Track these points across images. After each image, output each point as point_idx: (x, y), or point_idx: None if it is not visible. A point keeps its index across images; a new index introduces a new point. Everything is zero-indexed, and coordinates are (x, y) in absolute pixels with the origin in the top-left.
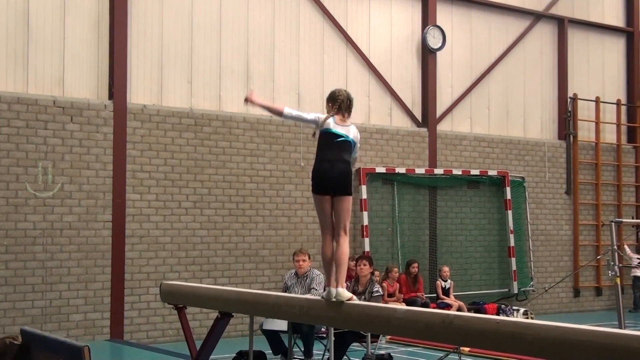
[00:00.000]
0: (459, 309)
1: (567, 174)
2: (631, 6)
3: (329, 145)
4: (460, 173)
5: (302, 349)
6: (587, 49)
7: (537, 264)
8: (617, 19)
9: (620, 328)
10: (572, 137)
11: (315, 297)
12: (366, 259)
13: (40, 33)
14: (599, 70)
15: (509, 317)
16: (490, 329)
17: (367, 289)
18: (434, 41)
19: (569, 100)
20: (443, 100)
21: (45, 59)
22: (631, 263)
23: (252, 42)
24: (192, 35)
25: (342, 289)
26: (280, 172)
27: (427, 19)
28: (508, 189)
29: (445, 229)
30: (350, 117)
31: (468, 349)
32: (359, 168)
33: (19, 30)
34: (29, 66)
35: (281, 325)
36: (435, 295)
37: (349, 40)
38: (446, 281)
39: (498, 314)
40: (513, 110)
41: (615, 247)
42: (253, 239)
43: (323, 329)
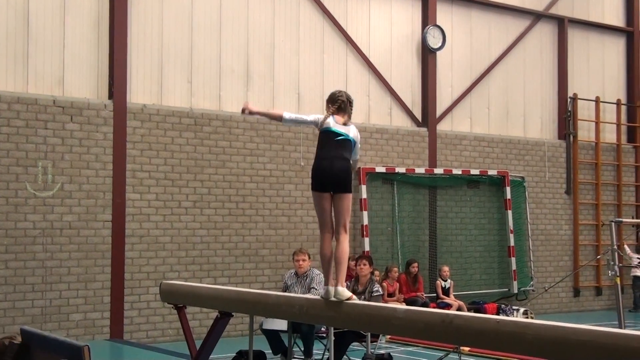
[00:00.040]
0: (459, 309)
1: (567, 173)
2: (631, 6)
3: (328, 143)
4: (460, 173)
5: (302, 349)
6: (587, 49)
7: (537, 264)
8: (617, 18)
9: (620, 328)
10: (572, 136)
11: (315, 296)
12: (366, 258)
13: (40, 32)
14: (599, 70)
15: (508, 316)
16: (490, 329)
17: (367, 288)
18: (434, 41)
19: (569, 100)
20: (443, 100)
21: (45, 59)
22: (631, 263)
23: (252, 41)
24: (192, 35)
25: (342, 288)
26: (280, 172)
27: (427, 18)
28: (508, 189)
29: (445, 229)
30: (351, 118)
31: (468, 349)
32: (359, 167)
33: (19, 29)
34: (29, 66)
35: (281, 324)
36: (435, 295)
37: (349, 40)
38: (446, 281)
39: (498, 314)
40: (513, 110)
41: (615, 246)
42: (253, 239)
43: (323, 328)
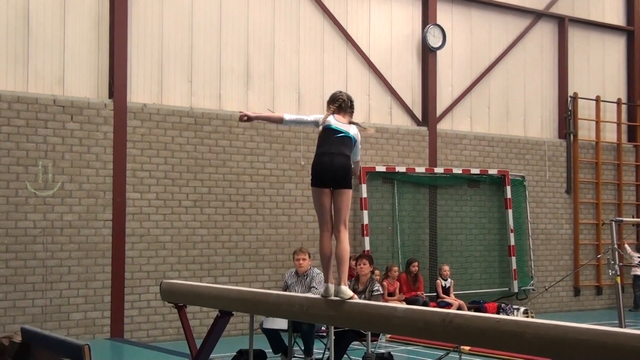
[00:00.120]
0: (459, 308)
1: (567, 172)
2: (631, 5)
3: (329, 139)
4: (460, 172)
5: (302, 348)
6: (588, 48)
7: (538, 263)
8: (617, 18)
9: (621, 327)
10: (572, 136)
11: (316, 295)
12: (366, 258)
13: (41, 32)
14: (599, 69)
15: (509, 316)
16: (490, 328)
17: (367, 287)
18: (434, 40)
19: (569, 99)
20: (443, 99)
21: (46, 58)
22: (631, 262)
23: (252, 41)
24: (192, 34)
25: (345, 287)
26: (280, 171)
27: (427, 18)
28: (508, 188)
29: (445, 228)
30: (352, 118)
31: (468, 348)
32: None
33: (19, 29)
34: (29, 65)
35: (281, 324)
36: (435, 294)
37: (349, 39)
38: (446, 280)
39: (498, 313)
40: (513, 109)
41: (616, 246)
42: (253, 238)
43: (323, 327)
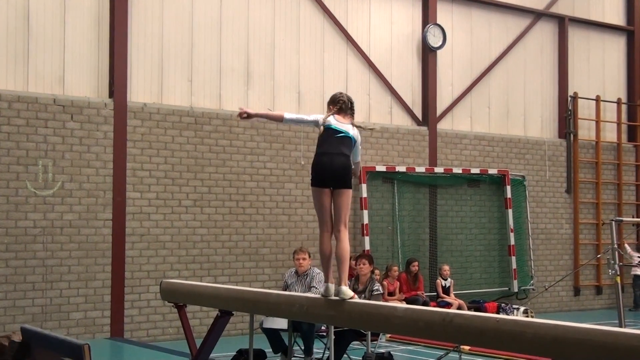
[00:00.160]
0: (459, 308)
1: (567, 172)
2: (632, 5)
3: (329, 139)
4: (460, 172)
5: (302, 348)
6: (588, 48)
7: (537, 263)
8: (617, 17)
9: (621, 327)
10: (572, 135)
11: (316, 295)
12: (366, 257)
13: (41, 31)
14: (599, 69)
15: (509, 315)
16: (490, 328)
17: (367, 287)
18: (434, 40)
19: (569, 98)
20: (443, 99)
21: (46, 57)
22: (631, 262)
23: (252, 40)
24: (193, 34)
25: (345, 287)
26: (280, 171)
27: (428, 17)
28: (508, 188)
29: (445, 228)
30: (353, 119)
31: (468, 348)
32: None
33: (20, 28)
34: (29, 64)
35: (281, 323)
36: (435, 293)
37: (350, 38)
38: (446, 280)
39: (498, 313)
40: (513, 108)
41: (616, 245)
42: (253, 238)
43: (323, 327)
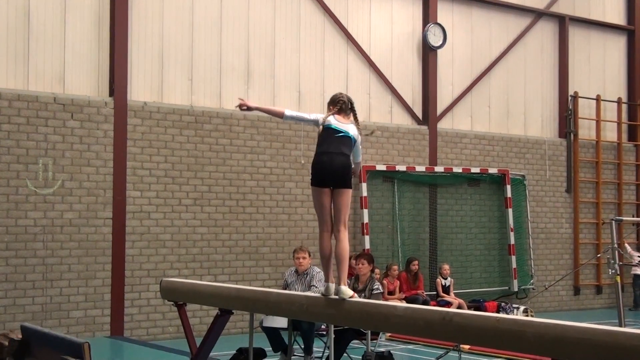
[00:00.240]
0: (459, 307)
1: (567, 172)
2: (632, 4)
3: (329, 139)
4: (460, 171)
5: (302, 346)
6: (588, 47)
7: (538, 262)
8: (618, 17)
9: (620, 326)
10: (572, 135)
11: (316, 294)
12: (365, 257)
13: (41, 30)
14: (599, 69)
15: (509, 314)
16: (490, 327)
17: (367, 286)
18: (434, 39)
19: (569, 98)
20: (443, 98)
21: (46, 56)
22: (631, 261)
23: (252, 39)
24: (193, 33)
25: (345, 287)
26: (280, 170)
27: (428, 16)
28: (508, 187)
29: (445, 227)
30: (357, 120)
31: (468, 347)
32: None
33: (20, 27)
34: (29, 63)
35: (281, 322)
36: (435, 293)
37: (350, 38)
38: (446, 279)
39: (498, 312)
40: (514, 108)
41: (616, 245)
42: (253, 237)
43: (323, 326)
